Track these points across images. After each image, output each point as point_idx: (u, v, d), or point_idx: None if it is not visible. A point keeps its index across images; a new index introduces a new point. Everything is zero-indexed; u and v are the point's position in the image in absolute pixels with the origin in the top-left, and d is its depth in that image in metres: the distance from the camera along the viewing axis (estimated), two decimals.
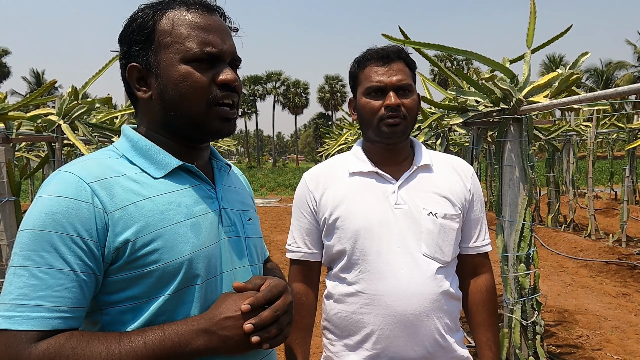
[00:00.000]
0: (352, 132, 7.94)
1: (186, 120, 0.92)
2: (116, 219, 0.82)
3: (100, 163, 0.89)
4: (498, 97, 3.11)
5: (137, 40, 0.92)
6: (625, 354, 3.69)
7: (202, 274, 0.89)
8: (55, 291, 0.77)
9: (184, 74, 0.89)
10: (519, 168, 3.15)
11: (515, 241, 3.17)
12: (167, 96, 0.91)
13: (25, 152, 6.81)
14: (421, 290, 1.28)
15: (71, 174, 0.84)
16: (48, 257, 0.77)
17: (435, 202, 1.35)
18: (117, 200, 0.84)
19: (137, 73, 0.93)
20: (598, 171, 20.52)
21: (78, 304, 0.79)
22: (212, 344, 0.82)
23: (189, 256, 0.87)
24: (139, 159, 0.92)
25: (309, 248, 1.44)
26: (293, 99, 62.21)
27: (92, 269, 0.81)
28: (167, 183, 0.91)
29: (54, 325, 0.76)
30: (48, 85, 3.02)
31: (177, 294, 0.86)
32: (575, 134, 8.10)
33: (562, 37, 2.94)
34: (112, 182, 0.85)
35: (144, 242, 0.83)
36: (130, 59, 0.93)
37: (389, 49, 1.38)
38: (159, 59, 0.91)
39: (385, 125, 1.34)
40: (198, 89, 0.90)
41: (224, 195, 1.01)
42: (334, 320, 1.39)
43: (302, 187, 1.47)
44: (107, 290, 0.84)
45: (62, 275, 0.78)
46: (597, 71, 39.97)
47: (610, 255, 6.50)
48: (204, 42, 0.90)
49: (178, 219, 0.88)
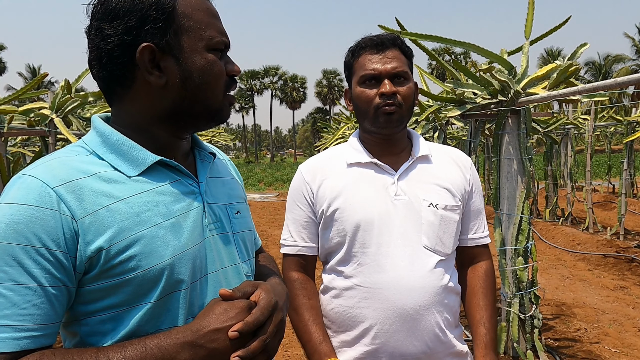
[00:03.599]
0: (349, 126, 7.90)
1: (203, 108, 0.88)
2: (86, 226, 0.75)
3: (66, 163, 0.79)
4: (496, 89, 3.08)
5: (155, 17, 0.81)
6: (623, 347, 3.69)
7: (187, 278, 0.83)
8: (21, 309, 0.70)
9: (211, 62, 0.86)
10: (517, 161, 3.13)
11: (513, 234, 3.15)
12: (191, 83, 0.85)
13: (21, 148, 6.77)
14: (422, 284, 1.26)
15: (33, 178, 0.75)
16: (11, 272, 0.71)
17: (436, 193, 1.33)
18: (87, 205, 0.76)
19: (149, 55, 0.82)
20: (596, 164, 20.56)
21: (48, 320, 0.73)
22: (198, 357, 0.75)
23: (170, 261, 0.80)
24: (110, 156, 0.84)
25: (305, 241, 1.41)
26: (291, 93, 62.09)
27: (61, 281, 0.74)
28: (143, 181, 0.83)
29: (23, 345, 0.70)
30: (39, 78, 2.98)
31: (161, 302, 0.80)
32: (573, 127, 8.08)
33: (560, 31, 2.91)
34: (81, 184, 0.77)
35: (119, 248, 0.76)
36: (140, 38, 0.82)
37: (383, 37, 1.35)
38: (182, 42, 0.84)
39: (381, 113, 1.31)
40: (221, 78, 0.88)
41: (208, 188, 0.94)
42: (330, 316, 1.36)
43: (299, 178, 1.43)
44: (83, 300, 0.78)
45: (28, 291, 0.71)
46: (596, 64, 39.97)
47: (608, 248, 6.50)
48: (221, 32, 0.89)
49: (156, 221, 0.81)
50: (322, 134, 12.37)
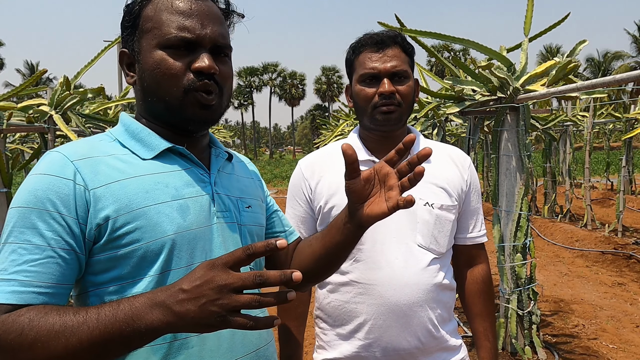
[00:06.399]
0: (348, 123, 7.90)
1: (163, 106, 0.91)
2: (98, 196, 0.82)
3: (90, 143, 0.90)
4: (495, 86, 3.08)
5: (125, 25, 0.94)
6: (620, 343, 3.71)
7: (187, 257, 0.87)
8: (30, 266, 0.77)
9: (157, 60, 0.89)
10: (516, 157, 3.13)
11: (512, 231, 3.16)
12: (144, 82, 0.91)
13: (20, 144, 6.76)
14: (415, 281, 1.27)
15: (58, 153, 0.85)
16: (28, 233, 0.79)
17: (432, 192, 1.34)
18: (101, 178, 0.84)
19: (126, 59, 0.95)
20: (595, 162, 20.57)
21: (54, 280, 0.79)
22: (167, 320, 0.68)
23: (173, 236, 0.85)
24: (130, 142, 0.93)
25: (304, 237, 1.41)
26: (290, 90, 61.99)
27: (71, 245, 0.80)
28: (156, 164, 0.91)
29: (26, 299, 0.76)
30: (38, 74, 2.97)
31: (161, 276, 0.84)
32: (572, 124, 8.09)
33: (559, 28, 2.91)
34: (98, 160, 0.86)
35: (126, 220, 0.82)
36: (123, 45, 0.96)
37: (384, 34, 1.34)
38: (141, 45, 0.91)
39: (379, 112, 1.31)
40: (171, 76, 0.88)
41: (218, 180, 0.98)
42: (326, 310, 1.38)
43: (298, 174, 1.44)
44: (92, 270, 0.84)
45: (38, 250, 0.78)
46: (595, 61, 39.96)
47: (606, 245, 6.52)
48: (180, 27, 0.88)
49: (164, 199, 0.87)
50: (321, 130, 12.36)
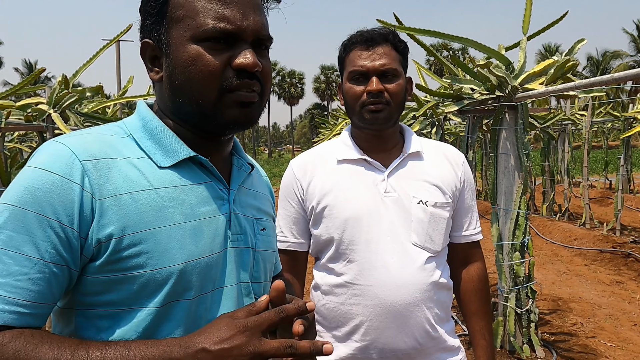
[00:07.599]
0: (347, 122, 7.90)
1: (196, 109, 0.78)
2: (104, 208, 0.70)
3: (101, 140, 0.76)
4: (493, 85, 3.08)
5: (150, 12, 0.79)
6: (618, 341, 3.71)
7: (196, 288, 0.76)
8: (16, 280, 0.65)
9: (193, 56, 0.75)
10: (514, 156, 3.14)
11: (510, 230, 3.16)
12: (175, 80, 0.78)
13: (18, 143, 6.74)
14: (411, 280, 1.26)
15: (64, 147, 0.72)
16: (17, 238, 0.66)
17: (426, 190, 1.33)
18: (111, 187, 0.72)
19: (150, 51, 0.81)
20: (593, 160, 20.58)
21: (41, 299, 0.67)
22: None
23: (182, 266, 0.74)
24: (147, 142, 0.80)
25: (295, 237, 1.41)
26: (288, 89, 61.94)
27: (65, 260, 0.69)
28: (173, 175, 0.78)
29: (6, 320, 0.65)
30: (37, 73, 2.97)
31: (163, 309, 0.74)
32: (570, 123, 8.09)
33: (558, 26, 2.91)
34: (111, 164, 0.73)
35: (131, 241, 0.71)
36: (145, 34, 0.81)
37: (375, 32, 1.32)
38: (170, 35, 0.78)
39: (367, 111, 1.30)
40: (208, 74, 0.75)
41: (238, 197, 0.87)
42: (322, 312, 1.36)
43: (289, 175, 1.42)
44: (84, 290, 0.73)
45: (28, 263, 0.66)
46: (594, 60, 39.99)
47: (604, 243, 6.53)
48: (219, 17, 0.75)
49: (177, 220, 0.75)
50: (320, 129, 12.36)
